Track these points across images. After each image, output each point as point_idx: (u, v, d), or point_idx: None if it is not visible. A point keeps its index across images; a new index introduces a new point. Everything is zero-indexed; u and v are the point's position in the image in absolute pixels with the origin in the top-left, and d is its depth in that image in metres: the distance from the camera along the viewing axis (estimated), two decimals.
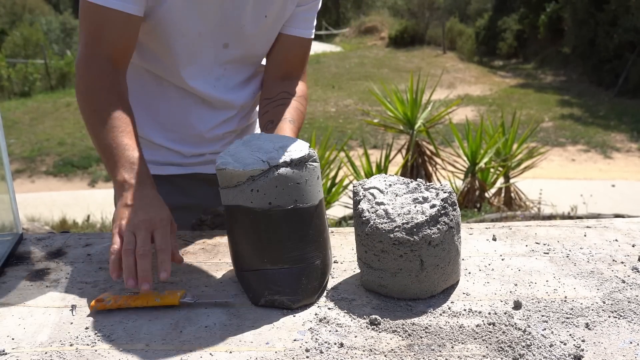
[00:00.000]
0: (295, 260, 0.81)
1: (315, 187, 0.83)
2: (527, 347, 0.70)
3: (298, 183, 0.80)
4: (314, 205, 0.82)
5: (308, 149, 0.84)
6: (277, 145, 0.83)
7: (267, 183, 0.78)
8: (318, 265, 0.83)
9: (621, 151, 8.13)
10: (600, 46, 11.94)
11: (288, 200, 0.79)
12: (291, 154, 0.81)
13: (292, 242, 0.80)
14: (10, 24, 16.42)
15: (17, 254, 0.99)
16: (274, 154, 0.80)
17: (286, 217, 0.79)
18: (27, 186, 6.91)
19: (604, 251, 0.94)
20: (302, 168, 0.80)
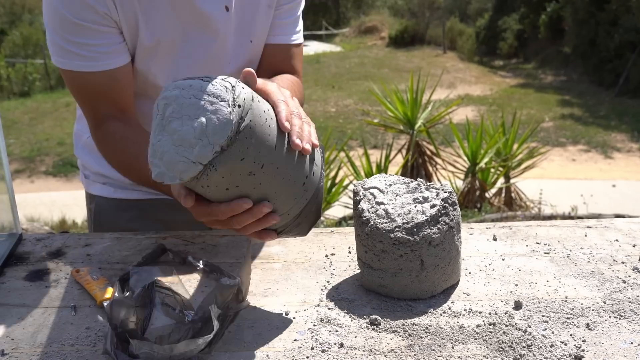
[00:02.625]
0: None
1: (267, 142, 0.70)
2: (528, 347, 0.70)
3: (242, 159, 0.69)
4: (274, 161, 0.72)
5: (231, 109, 0.67)
6: (197, 127, 0.68)
7: (212, 178, 0.70)
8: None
9: (622, 151, 8.13)
10: (601, 46, 11.94)
11: (246, 180, 0.71)
12: (217, 135, 0.67)
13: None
14: (10, 24, 16.42)
15: (17, 254, 0.99)
16: (200, 146, 0.67)
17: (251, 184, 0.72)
18: (27, 186, 6.91)
19: (604, 251, 0.94)
20: (237, 141, 0.68)
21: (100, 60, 0.91)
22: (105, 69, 0.92)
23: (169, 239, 1.03)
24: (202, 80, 0.70)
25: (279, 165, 0.73)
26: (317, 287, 0.86)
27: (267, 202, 0.74)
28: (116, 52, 0.93)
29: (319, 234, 1.04)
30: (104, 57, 0.92)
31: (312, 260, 0.94)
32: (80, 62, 0.91)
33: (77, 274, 0.89)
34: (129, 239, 1.04)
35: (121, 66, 0.94)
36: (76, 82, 0.95)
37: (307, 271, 0.91)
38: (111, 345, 0.69)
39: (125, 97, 0.97)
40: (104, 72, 0.92)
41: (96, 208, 1.20)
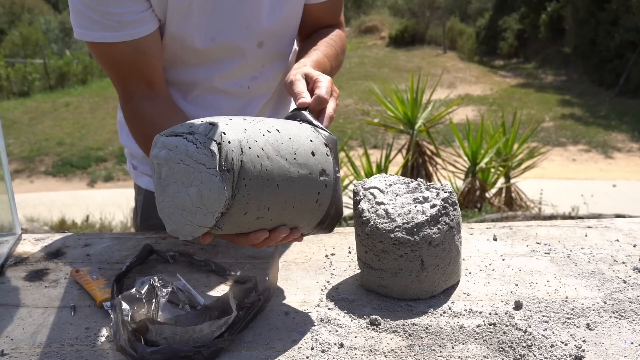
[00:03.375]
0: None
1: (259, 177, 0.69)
2: (528, 347, 0.70)
3: (245, 213, 0.69)
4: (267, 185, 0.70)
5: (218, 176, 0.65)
6: (193, 196, 0.68)
7: (222, 232, 0.70)
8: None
9: (622, 151, 8.13)
10: (601, 46, 11.93)
11: (256, 223, 0.72)
12: (213, 205, 0.66)
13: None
14: (9, 24, 16.42)
15: (16, 255, 0.99)
16: (200, 214, 0.68)
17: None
18: (26, 186, 6.91)
19: (605, 251, 0.94)
20: (235, 203, 0.67)
21: (124, 30, 0.87)
22: (129, 39, 0.88)
23: (168, 238, 1.03)
24: (187, 140, 0.68)
25: (287, 200, 0.72)
26: (317, 287, 0.86)
27: (283, 228, 0.74)
28: (141, 20, 0.89)
29: None
30: (129, 27, 0.88)
31: (312, 260, 0.94)
32: (103, 32, 0.87)
33: (76, 274, 0.89)
34: (129, 239, 1.03)
35: (147, 35, 0.90)
36: (101, 54, 0.91)
37: (307, 271, 0.91)
38: (125, 341, 0.68)
39: (152, 70, 0.93)
40: (128, 42, 0.88)
41: (144, 203, 1.15)
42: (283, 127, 0.75)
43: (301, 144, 0.74)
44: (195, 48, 0.96)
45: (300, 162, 0.73)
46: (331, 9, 1.07)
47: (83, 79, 13.02)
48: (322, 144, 0.78)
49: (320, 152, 0.76)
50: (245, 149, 0.68)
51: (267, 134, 0.72)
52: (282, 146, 0.72)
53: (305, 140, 0.75)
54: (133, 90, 0.93)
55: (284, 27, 1.02)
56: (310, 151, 0.75)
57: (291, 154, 0.72)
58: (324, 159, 0.77)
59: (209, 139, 0.67)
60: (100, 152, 7.91)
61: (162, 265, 0.93)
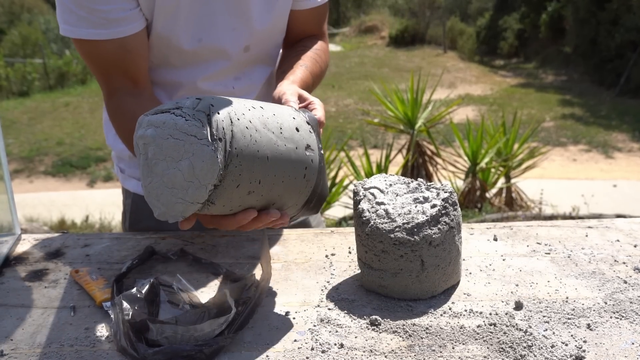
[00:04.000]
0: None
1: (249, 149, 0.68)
2: (529, 347, 0.70)
3: (237, 186, 0.69)
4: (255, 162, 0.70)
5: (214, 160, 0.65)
6: (184, 170, 0.67)
7: (213, 208, 0.70)
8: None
9: (623, 151, 8.12)
10: (602, 45, 11.93)
11: (247, 198, 0.71)
12: (206, 177, 0.66)
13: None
14: (9, 23, 16.41)
15: (16, 255, 0.99)
16: (193, 188, 0.67)
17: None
18: (26, 186, 6.91)
19: (605, 251, 0.94)
20: (227, 174, 0.67)
21: (110, 28, 0.87)
22: (115, 37, 0.88)
23: (168, 239, 1.03)
24: (174, 115, 0.67)
25: (276, 173, 0.72)
26: (317, 288, 0.85)
27: (274, 212, 0.74)
28: (128, 19, 0.89)
29: (319, 234, 1.04)
30: (115, 24, 0.87)
31: (312, 260, 0.94)
32: (89, 29, 0.87)
33: (76, 274, 0.89)
34: (128, 239, 1.03)
35: (133, 34, 0.90)
36: (87, 51, 0.91)
37: (307, 271, 0.90)
38: (126, 341, 0.68)
39: (137, 68, 0.93)
40: (114, 40, 0.88)
41: (132, 206, 1.15)
42: (266, 105, 0.76)
43: (285, 120, 0.75)
44: (181, 49, 0.96)
45: (287, 136, 0.74)
46: (317, 18, 1.09)
47: (83, 79, 13.02)
48: (305, 122, 0.79)
49: (304, 128, 0.78)
50: (234, 119, 0.69)
51: (252, 109, 0.73)
52: (268, 120, 0.73)
53: (288, 117, 0.77)
54: (117, 87, 0.93)
55: (271, 32, 1.03)
56: (295, 127, 0.76)
57: (277, 128, 0.73)
58: (307, 135, 0.78)
59: (198, 111, 0.67)
60: (99, 152, 7.91)
61: (162, 265, 0.93)
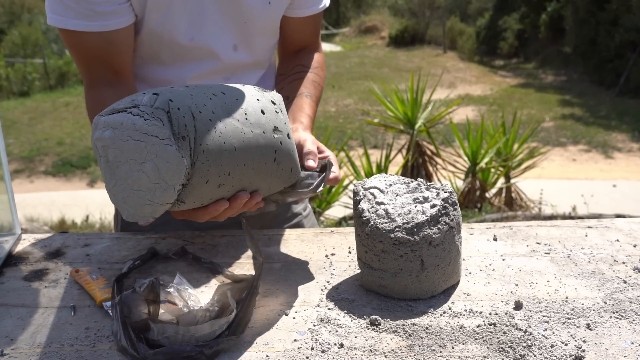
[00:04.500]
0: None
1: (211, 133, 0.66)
2: (528, 347, 0.70)
3: (207, 181, 0.67)
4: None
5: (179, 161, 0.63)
6: (149, 172, 0.64)
7: (183, 206, 0.68)
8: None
9: (622, 151, 8.13)
10: (602, 46, 11.93)
11: (217, 191, 0.70)
12: (173, 178, 0.64)
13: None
14: (9, 24, 16.41)
15: (16, 255, 0.99)
16: (160, 190, 0.65)
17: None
18: (26, 186, 6.91)
19: (605, 251, 0.94)
20: (195, 172, 0.64)
21: (97, 20, 0.87)
22: (101, 30, 0.88)
23: (168, 239, 1.03)
24: (132, 114, 0.64)
25: (245, 162, 0.70)
26: (317, 287, 0.86)
27: (242, 193, 0.72)
28: (116, 12, 0.88)
29: (319, 234, 1.04)
30: (102, 17, 0.87)
31: (312, 260, 0.94)
32: (76, 20, 0.87)
33: (76, 274, 0.89)
34: (129, 239, 1.03)
35: (120, 29, 0.89)
36: (71, 42, 0.91)
37: (307, 271, 0.90)
38: (126, 341, 0.68)
39: (121, 62, 0.93)
40: (99, 33, 0.88)
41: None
42: (227, 90, 0.73)
43: (249, 104, 0.72)
44: (173, 46, 0.96)
45: (253, 122, 0.71)
46: (312, 26, 1.11)
47: None
48: (270, 102, 0.76)
49: (270, 109, 0.75)
50: (197, 113, 0.66)
51: (214, 97, 0.69)
52: (232, 107, 0.70)
53: (252, 100, 0.73)
54: (98, 78, 0.93)
55: (262, 33, 1.03)
56: (260, 109, 0.73)
57: (242, 114, 0.70)
58: (274, 116, 0.75)
59: (157, 109, 0.64)
60: None
61: (162, 265, 0.93)
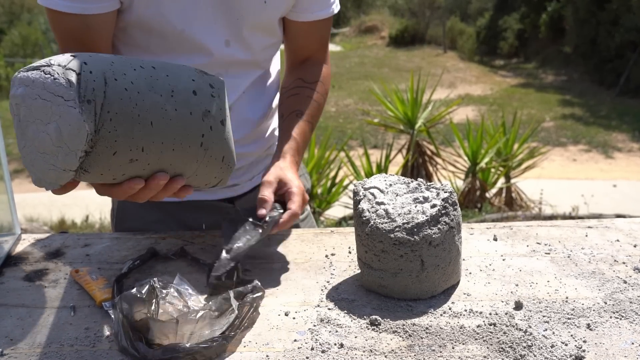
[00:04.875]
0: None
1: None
2: (528, 347, 0.70)
3: (114, 153, 0.64)
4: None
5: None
6: (52, 134, 0.62)
7: (90, 177, 0.65)
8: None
9: (623, 151, 8.13)
10: (602, 45, 11.93)
11: (130, 167, 0.67)
12: (74, 142, 0.61)
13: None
14: (9, 23, 16.42)
15: (16, 255, 0.99)
16: (62, 154, 0.62)
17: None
18: (26, 186, 6.90)
19: (605, 251, 0.94)
20: (100, 140, 0.62)
21: (77, 3, 0.86)
22: (81, 13, 0.87)
23: (168, 239, 1.03)
24: (44, 73, 0.61)
25: (164, 140, 0.67)
26: (317, 287, 0.86)
27: (162, 175, 0.69)
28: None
29: (319, 234, 1.04)
30: (84, 0, 0.87)
31: (312, 260, 0.94)
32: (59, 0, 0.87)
33: (76, 274, 0.89)
34: (128, 239, 1.03)
35: (100, 14, 0.89)
36: (52, 20, 0.91)
37: (307, 271, 0.90)
38: (127, 341, 0.68)
39: (98, 47, 0.92)
40: (79, 15, 0.87)
41: (119, 205, 1.14)
42: (161, 65, 0.70)
43: (180, 82, 0.70)
44: (163, 37, 0.95)
45: (179, 100, 0.68)
46: (318, 34, 1.06)
47: None
48: (207, 85, 0.73)
49: (205, 92, 0.72)
50: (111, 80, 0.63)
51: (140, 69, 0.66)
52: (157, 82, 0.67)
53: (186, 79, 0.71)
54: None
55: (256, 30, 1.00)
56: (192, 90, 0.70)
57: (167, 90, 0.67)
58: (208, 100, 0.72)
59: (68, 69, 0.61)
60: None
61: (162, 265, 0.93)
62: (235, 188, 1.13)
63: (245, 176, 1.13)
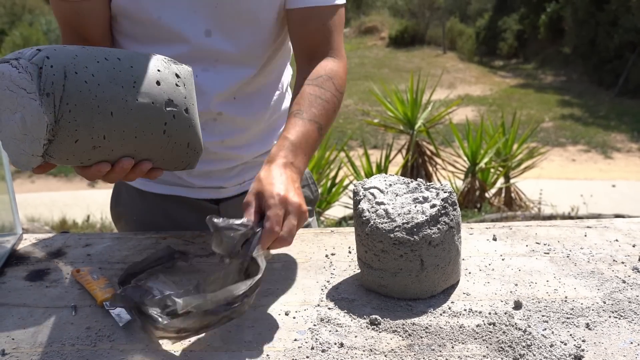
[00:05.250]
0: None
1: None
2: (528, 347, 0.70)
3: (76, 141, 0.68)
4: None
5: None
6: (19, 122, 0.68)
7: (58, 161, 0.70)
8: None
9: (621, 151, 8.14)
10: (601, 46, 11.94)
11: (94, 153, 0.71)
12: (36, 131, 0.67)
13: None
14: (10, 24, 16.42)
15: (17, 254, 0.99)
16: (29, 141, 0.68)
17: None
18: (27, 186, 6.91)
19: (604, 251, 0.94)
20: (60, 129, 0.67)
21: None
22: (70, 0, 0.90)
23: (169, 238, 1.03)
24: (11, 66, 0.67)
25: (125, 129, 0.71)
26: (317, 287, 0.86)
27: (126, 160, 0.73)
28: None
29: (319, 234, 1.04)
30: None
31: (312, 260, 0.94)
32: None
33: (77, 274, 0.89)
34: (129, 239, 1.04)
35: (87, 1, 0.90)
36: (52, 6, 0.94)
37: (307, 271, 0.91)
38: (143, 319, 0.67)
39: (92, 33, 0.94)
40: (69, 2, 0.90)
41: (115, 189, 1.18)
42: (127, 56, 0.74)
43: (144, 73, 0.73)
44: (142, 24, 0.94)
45: (141, 91, 0.72)
46: (316, 23, 0.97)
47: None
48: (173, 75, 0.77)
49: (169, 82, 0.76)
50: (71, 74, 0.68)
51: (104, 61, 0.71)
52: (120, 74, 0.71)
53: (151, 70, 0.75)
54: (71, 43, 0.94)
55: (239, 19, 0.96)
56: (155, 80, 0.74)
57: (129, 81, 0.72)
58: (171, 89, 0.76)
59: (31, 64, 0.67)
60: None
61: (163, 266, 0.93)
62: (221, 191, 1.11)
63: (233, 180, 1.10)
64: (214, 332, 0.74)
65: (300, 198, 0.79)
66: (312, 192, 1.22)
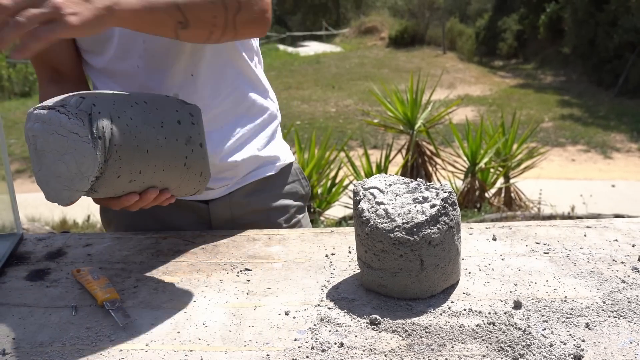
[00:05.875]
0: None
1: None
2: (527, 346, 0.70)
3: (118, 176, 0.76)
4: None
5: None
6: (68, 163, 0.73)
7: (98, 194, 0.77)
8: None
9: (621, 151, 8.14)
10: (600, 46, 11.95)
11: (129, 185, 0.79)
12: (88, 171, 0.73)
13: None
14: None
15: (18, 254, 0.99)
16: (77, 180, 0.74)
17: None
18: (28, 186, 6.91)
19: (604, 251, 0.94)
20: (108, 167, 0.74)
21: None
22: None
23: (169, 238, 1.03)
24: (59, 112, 0.73)
25: (157, 164, 0.79)
26: (317, 287, 0.86)
27: (152, 190, 0.81)
28: None
29: (319, 234, 1.05)
30: None
31: (312, 260, 0.95)
32: None
33: (77, 273, 0.89)
34: (130, 239, 1.04)
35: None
36: None
37: (307, 271, 0.91)
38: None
39: (60, 62, 0.98)
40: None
41: None
42: (151, 99, 0.82)
43: (168, 114, 0.82)
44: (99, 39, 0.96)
45: (167, 130, 0.81)
46: None
47: None
48: (188, 114, 0.85)
49: (186, 121, 0.84)
50: (115, 118, 0.75)
51: (135, 105, 0.79)
52: (150, 116, 0.79)
53: (171, 111, 0.83)
54: (44, 75, 1.00)
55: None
56: (177, 120, 0.83)
57: (158, 122, 0.80)
58: (189, 127, 0.85)
59: (80, 110, 0.73)
60: None
61: (162, 264, 0.94)
62: (209, 192, 1.10)
63: (219, 182, 1.08)
64: (214, 332, 0.74)
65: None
66: (303, 187, 1.21)
